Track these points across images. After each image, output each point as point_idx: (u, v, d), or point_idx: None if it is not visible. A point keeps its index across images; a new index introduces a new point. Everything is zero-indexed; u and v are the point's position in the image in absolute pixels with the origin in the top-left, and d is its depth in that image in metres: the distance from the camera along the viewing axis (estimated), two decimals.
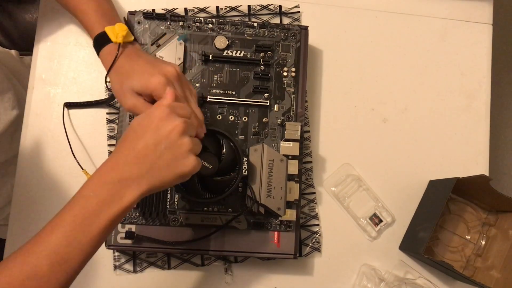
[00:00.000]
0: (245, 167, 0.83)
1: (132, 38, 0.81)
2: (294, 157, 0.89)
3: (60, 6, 0.88)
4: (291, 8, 1.02)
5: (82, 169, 0.91)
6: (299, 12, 1.02)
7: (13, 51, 1.17)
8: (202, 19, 0.91)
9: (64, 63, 0.96)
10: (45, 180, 0.92)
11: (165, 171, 0.65)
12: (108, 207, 0.62)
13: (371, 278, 0.95)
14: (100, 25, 0.81)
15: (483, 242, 0.99)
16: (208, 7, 1.00)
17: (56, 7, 0.95)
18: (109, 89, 0.95)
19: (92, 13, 0.82)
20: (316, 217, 0.98)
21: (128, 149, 0.65)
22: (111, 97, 0.94)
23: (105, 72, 0.79)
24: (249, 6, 1.01)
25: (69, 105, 0.94)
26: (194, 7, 0.99)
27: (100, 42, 0.80)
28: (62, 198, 0.92)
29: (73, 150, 0.91)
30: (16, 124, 0.98)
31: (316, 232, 0.97)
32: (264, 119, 0.91)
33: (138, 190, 0.64)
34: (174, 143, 0.65)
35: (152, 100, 0.74)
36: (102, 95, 0.95)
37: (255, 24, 0.93)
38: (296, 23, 1.02)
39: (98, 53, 0.81)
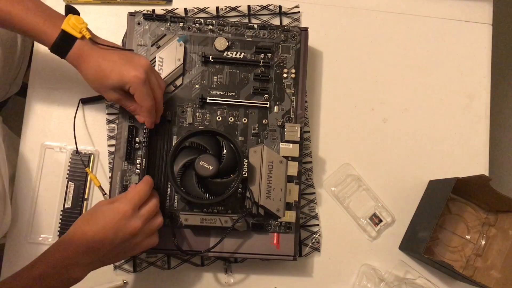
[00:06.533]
0: (245, 169, 0.83)
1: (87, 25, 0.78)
2: (293, 159, 0.89)
3: None
4: (291, 8, 1.02)
5: (86, 167, 0.91)
6: (299, 12, 1.02)
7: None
8: (202, 20, 0.91)
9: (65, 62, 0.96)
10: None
11: (113, 259, 0.76)
12: (57, 284, 0.70)
13: (371, 278, 0.96)
14: (50, 26, 0.75)
15: (483, 242, 0.99)
16: (208, 7, 0.99)
17: None
18: None
19: (27, 14, 0.74)
20: (316, 217, 0.98)
21: (85, 236, 0.72)
22: None
23: None
24: (249, 7, 1.01)
25: (85, 101, 0.94)
26: (194, 8, 0.99)
27: (63, 45, 0.76)
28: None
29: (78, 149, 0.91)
30: None
31: (316, 232, 0.97)
32: (264, 121, 0.91)
33: (85, 272, 0.72)
34: (128, 241, 0.74)
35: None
36: None
37: (255, 26, 0.92)
38: (296, 23, 1.01)
39: (63, 56, 0.77)
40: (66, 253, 0.70)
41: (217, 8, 1.00)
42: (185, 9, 0.99)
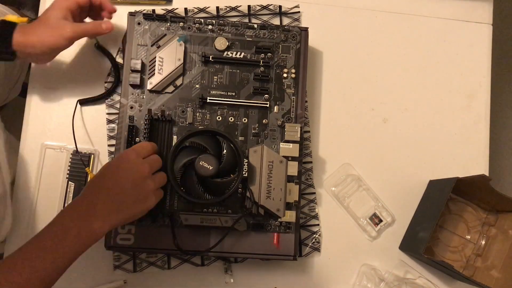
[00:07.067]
0: (245, 169, 0.83)
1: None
2: (293, 159, 0.89)
3: None
4: (291, 8, 1.02)
5: (86, 167, 0.91)
6: (299, 12, 1.02)
7: None
8: (202, 20, 0.91)
9: (64, 63, 0.97)
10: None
11: (131, 208, 0.74)
12: (78, 238, 0.68)
13: (371, 278, 0.96)
14: None
15: (483, 242, 0.99)
16: (208, 7, 0.99)
17: None
18: (105, 86, 0.95)
19: None
20: (316, 217, 0.98)
21: (100, 188, 0.73)
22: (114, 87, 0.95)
23: (104, 72, 0.79)
24: (249, 6, 1.01)
25: (83, 102, 0.94)
26: (194, 7, 0.99)
27: (6, 33, 0.80)
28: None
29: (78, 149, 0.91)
30: None
31: (316, 232, 0.97)
32: (264, 121, 0.91)
33: (105, 225, 0.70)
34: (140, 185, 0.75)
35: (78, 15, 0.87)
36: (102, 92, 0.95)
37: (255, 26, 0.92)
38: (296, 23, 1.01)
39: (11, 44, 0.80)
40: (81, 207, 0.71)
41: (217, 8, 1.00)
42: (185, 9, 0.99)
